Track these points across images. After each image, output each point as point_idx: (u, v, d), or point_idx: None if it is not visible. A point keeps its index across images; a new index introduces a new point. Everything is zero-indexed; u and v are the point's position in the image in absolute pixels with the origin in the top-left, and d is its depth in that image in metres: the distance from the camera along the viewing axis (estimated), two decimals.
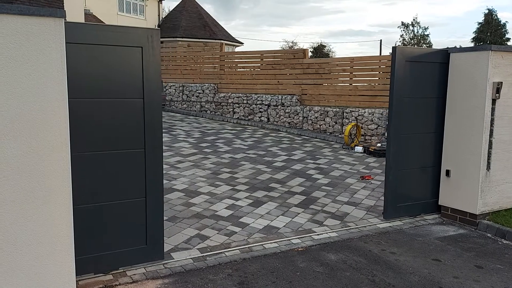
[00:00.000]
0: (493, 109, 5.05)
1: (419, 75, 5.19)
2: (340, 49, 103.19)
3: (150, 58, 3.58)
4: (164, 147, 8.23)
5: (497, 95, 4.99)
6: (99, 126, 3.45)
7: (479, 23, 49.02)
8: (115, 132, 3.52)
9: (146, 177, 3.69)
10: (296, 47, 44.59)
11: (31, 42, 2.85)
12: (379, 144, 9.20)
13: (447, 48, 5.43)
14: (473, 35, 49.51)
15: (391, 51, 5.21)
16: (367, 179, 6.87)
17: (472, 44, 46.24)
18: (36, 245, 2.98)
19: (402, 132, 5.18)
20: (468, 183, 5.17)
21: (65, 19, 3.00)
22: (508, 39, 46.81)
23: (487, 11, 48.96)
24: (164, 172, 6.63)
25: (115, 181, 3.57)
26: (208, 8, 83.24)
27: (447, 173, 5.37)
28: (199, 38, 25.69)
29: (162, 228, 3.85)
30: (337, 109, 10.48)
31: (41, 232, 2.99)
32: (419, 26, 54.35)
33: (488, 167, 5.12)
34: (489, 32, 47.81)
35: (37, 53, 2.87)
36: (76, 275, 3.19)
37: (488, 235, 4.95)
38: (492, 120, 5.06)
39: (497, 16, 48.24)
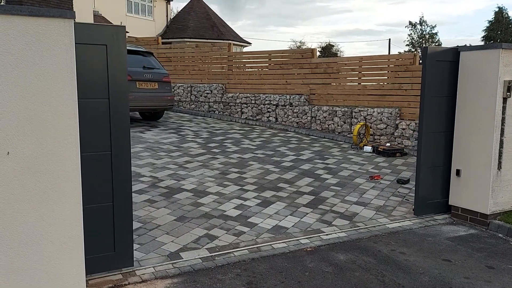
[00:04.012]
0: (504, 108, 4.99)
1: (440, 74, 5.29)
2: (348, 49, 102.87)
3: (115, 57, 3.45)
4: (172, 147, 8.27)
5: (508, 93, 4.94)
6: None
7: (489, 21, 48.60)
8: (80, 133, 3.31)
9: (113, 181, 3.55)
10: (304, 47, 44.52)
11: (41, 43, 2.87)
12: (388, 144, 9.14)
13: (457, 46, 5.38)
14: (483, 34, 49.10)
15: (420, 51, 5.32)
16: (376, 179, 6.83)
17: (482, 43, 45.82)
18: (46, 245, 3.00)
19: (430, 130, 5.32)
20: (478, 183, 5.12)
21: (75, 20, 3.02)
22: None
23: (497, 9, 48.54)
24: (172, 172, 6.69)
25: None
26: (214, 9, 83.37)
27: (458, 172, 5.32)
28: (207, 39, 25.77)
29: (131, 234, 3.72)
30: (346, 109, 10.44)
31: (52, 231, 3.01)
32: (426, 24, 54.00)
33: (499, 167, 5.06)
34: (499, 30, 47.36)
35: (47, 54, 2.90)
36: None
37: (499, 235, 4.90)
38: (503, 119, 5.01)
39: (507, 14, 47.79)
